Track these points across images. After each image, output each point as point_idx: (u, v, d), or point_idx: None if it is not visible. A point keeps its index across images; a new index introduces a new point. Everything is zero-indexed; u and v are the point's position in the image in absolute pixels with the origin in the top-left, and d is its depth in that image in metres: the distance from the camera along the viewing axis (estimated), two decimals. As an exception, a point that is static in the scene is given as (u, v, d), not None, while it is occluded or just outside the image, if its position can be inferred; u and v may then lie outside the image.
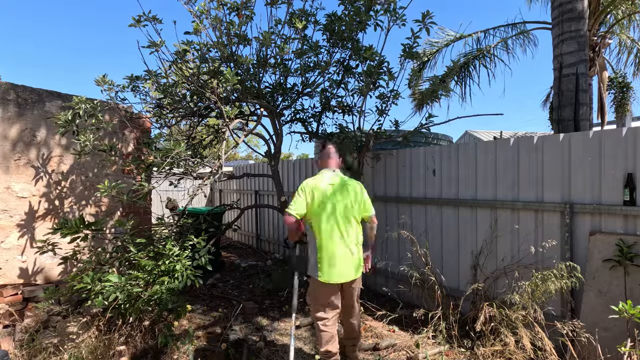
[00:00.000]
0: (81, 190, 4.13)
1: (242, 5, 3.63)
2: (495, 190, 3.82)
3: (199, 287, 3.52)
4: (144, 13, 3.52)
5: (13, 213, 3.69)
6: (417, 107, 10.14)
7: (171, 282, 3.26)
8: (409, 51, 4.07)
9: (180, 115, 4.36)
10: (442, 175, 4.28)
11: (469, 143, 5.29)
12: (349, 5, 3.91)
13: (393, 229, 4.55)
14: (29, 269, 3.78)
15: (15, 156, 3.69)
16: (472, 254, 3.94)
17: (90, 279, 3.18)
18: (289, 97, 4.61)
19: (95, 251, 3.60)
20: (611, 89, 10.17)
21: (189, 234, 3.79)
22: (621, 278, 2.95)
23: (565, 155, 3.34)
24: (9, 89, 3.67)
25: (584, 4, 5.25)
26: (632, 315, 2.10)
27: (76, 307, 3.65)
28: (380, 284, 4.96)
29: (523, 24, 9.34)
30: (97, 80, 3.62)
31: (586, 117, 5.42)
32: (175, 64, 3.80)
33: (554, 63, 5.58)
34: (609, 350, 2.72)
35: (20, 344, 3.21)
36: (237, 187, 9.11)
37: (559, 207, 3.34)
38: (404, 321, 3.95)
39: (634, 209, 2.96)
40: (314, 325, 3.08)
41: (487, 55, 9.21)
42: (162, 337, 3.31)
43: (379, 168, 5.02)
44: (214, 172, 3.65)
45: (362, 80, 4.39)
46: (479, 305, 3.36)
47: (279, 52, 3.90)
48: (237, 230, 8.77)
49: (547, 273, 3.07)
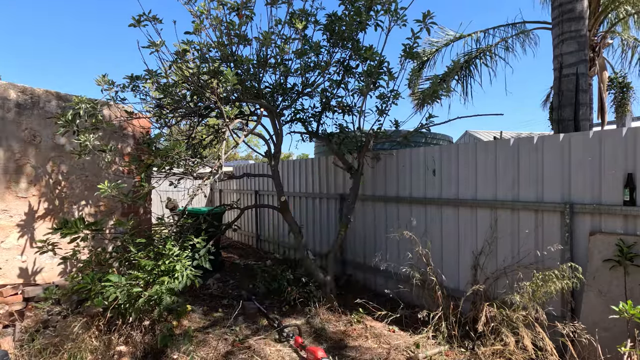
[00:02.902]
0: (81, 190, 4.12)
1: (242, 5, 3.63)
2: (495, 191, 3.82)
3: (199, 287, 3.52)
4: (144, 13, 3.52)
5: (13, 213, 3.68)
6: (417, 107, 10.13)
7: (171, 282, 3.26)
8: (409, 51, 4.07)
9: (180, 115, 4.36)
10: (442, 175, 4.28)
11: (469, 143, 5.29)
12: (349, 5, 3.91)
13: (393, 229, 4.55)
14: (29, 269, 3.77)
15: (15, 156, 3.69)
16: (472, 254, 3.94)
17: (90, 279, 3.19)
18: (289, 97, 4.61)
19: (95, 251, 3.60)
20: (611, 89, 10.17)
21: (189, 234, 3.79)
22: (621, 278, 2.95)
23: (565, 155, 3.34)
24: (9, 89, 3.67)
25: (584, 4, 5.26)
26: (632, 315, 2.10)
27: (76, 307, 3.65)
28: (381, 284, 4.95)
29: (523, 24, 9.33)
30: (97, 80, 3.62)
31: (586, 117, 5.42)
32: (175, 64, 3.79)
33: (554, 63, 5.57)
34: (609, 350, 2.72)
35: (20, 344, 3.21)
36: (237, 187, 9.10)
37: (559, 207, 3.34)
38: (405, 321, 3.95)
39: (634, 209, 2.96)
40: None
41: (487, 54, 9.20)
42: (162, 337, 3.31)
43: (379, 168, 5.02)
44: (214, 172, 3.65)
45: (362, 80, 4.39)
46: (480, 306, 3.36)
47: (279, 52, 3.90)
48: (237, 230, 8.76)
49: (548, 273, 3.07)
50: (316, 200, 6.17)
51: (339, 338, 3.78)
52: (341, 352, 3.47)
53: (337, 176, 5.66)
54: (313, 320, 4.15)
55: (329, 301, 4.45)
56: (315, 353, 3.10)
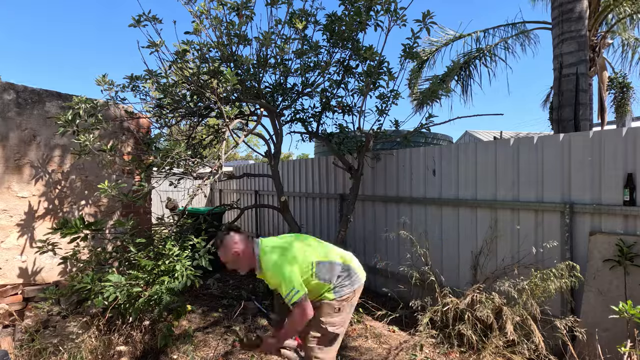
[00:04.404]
0: (81, 190, 4.12)
1: (242, 6, 3.62)
2: (495, 191, 3.82)
3: (199, 287, 3.52)
4: (144, 13, 3.52)
5: (13, 213, 3.68)
6: (417, 107, 10.13)
7: (171, 282, 3.26)
8: (409, 51, 4.07)
9: (180, 115, 4.35)
10: (442, 176, 4.28)
11: (469, 143, 5.29)
12: (349, 5, 3.91)
13: (393, 229, 4.55)
14: (29, 269, 3.77)
15: (15, 156, 3.69)
16: (472, 254, 3.94)
17: (90, 279, 3.19)
18: (289, 97, 4.61)
19: (95, 251, 3.60)
20: (611, 89, 10.17)
21: (189, 234, 3.79)
22: (621, 278, 2.95)
23: (565, 155, 3.34)
24: (9, 89, 3.67)
25: (584, 4, 5.26)
26: (632, 315, 2.10)
27: (76, 307, 3.65)
28: (380, 283, 4.96)
29: (523, 24, 9.33)
30: (97, 80, 3.62)
31: (586, 117, 5.43)
32: (175, 64, 3.79)
33: (554, 63, 5.58)
34: (609, 350, 2.72)
35: (20, 344, 3.21)
36: (237, 187, 9.10)
37: (559, 207, 3.34)
38: (405, 321, 3.95)
39: (634, 209, 2.96)
40: None
41: (487, 54, 9.21)
42: (162, 337, 3.31)
43: (379, 168, 5.02)
44: (214, 172, 3.65)
45: (362, 80, 4.39)
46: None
47: (279, 52, 3.90)
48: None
49: (546, 272, 3.07)
50: (316, 200, 6.17)
51: (339, 338, 3.78)
52: (341, 352, 3.46)
53: (337, 176, 5.66)
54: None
55: (329, 301, 4.44)
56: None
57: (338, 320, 2.37)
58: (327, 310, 2.35)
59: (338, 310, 2.36)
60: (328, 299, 2.35)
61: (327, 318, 2.35)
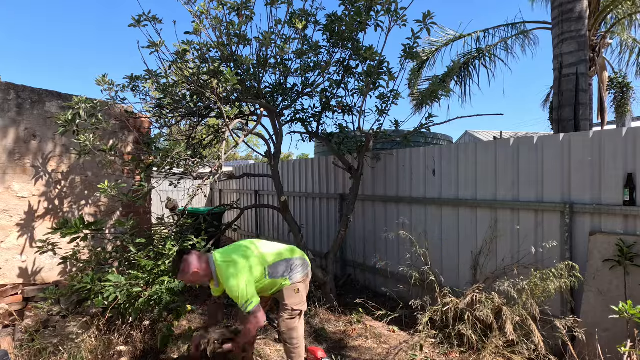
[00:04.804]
0: (81, 190, 4.12)
1: (242, 6, 3.62)
2: (495, 191, 3.82)
3: (199, 287, 3.52)
4: (144, 13, 3.52)
5: (13, 213, 3.68)
6: (417, 107, 10.14)
7: (171, 282, 3.26)
8: (409, 51, 4.07)
9: (180, 115, 4.36)
10: (442, 176, 4.28)
11: (469, 143, 5.29)
12: (349, 5, 3.91)
13: (393, 229, 4.55)
14: (29, 269, 3.77)
15: (15, 156, 3.69)
16: (472, 254, 3.94)
17: (90, 279, 3.19)
18: (289, 97, 4.61)
19: (95, 251, 3.60)
20: (611, 89, 10.17)
21: (189, 234, 3.79)
22: (621, 278, 2.95)
23: (565, 155, 3.34)
24: (9, 89, 3.67)
25: (584, 4, 5.26)
26: (632, 315, 2.10)
27: (76, 307, 3.65)
28: (380, 283, 4.96)
29: (523, 24, 9.34)
30: (97, 80, 3.62)
31: (586, 117, 5.43)
32: (175, 64, 3.80)
33: (554, 63, 5.58)
34: (609, 351, 2.72)
35: (20, 344, 3.21)
36: (237, 187, 9.11)
37: (559, 207, 3.34)
38: (405, 321, 3.95)
39: (634, 209, 2.96)
40: (295, 340, 2.82)
41: (487, 55, 9.21)
42: (162, 337, 3.31)
43: (379, 168, 5.02)
44: (214, 172, 3.65)
45: (362, 80, 4.39)
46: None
47: (279, 52, 3.90)
48: (237, 230, 8.76)
49: (546, 272, 3.07)
50: (316, 200, 6.17)
51: (339, 338, 3.78)
52: (341, 352, 3.47)
53: (337, 176, 5.67)
54: (313, 320, 4.15)
55: (328, 301, 4.46)
56: (315, 353, 3.11)
57: (298, 300, 2.80)
58: (288, 294, 2.77)
59: (298, 291, 2.80)
60: (287, 285, 2.77)
61: (290, 300, 2.77)
